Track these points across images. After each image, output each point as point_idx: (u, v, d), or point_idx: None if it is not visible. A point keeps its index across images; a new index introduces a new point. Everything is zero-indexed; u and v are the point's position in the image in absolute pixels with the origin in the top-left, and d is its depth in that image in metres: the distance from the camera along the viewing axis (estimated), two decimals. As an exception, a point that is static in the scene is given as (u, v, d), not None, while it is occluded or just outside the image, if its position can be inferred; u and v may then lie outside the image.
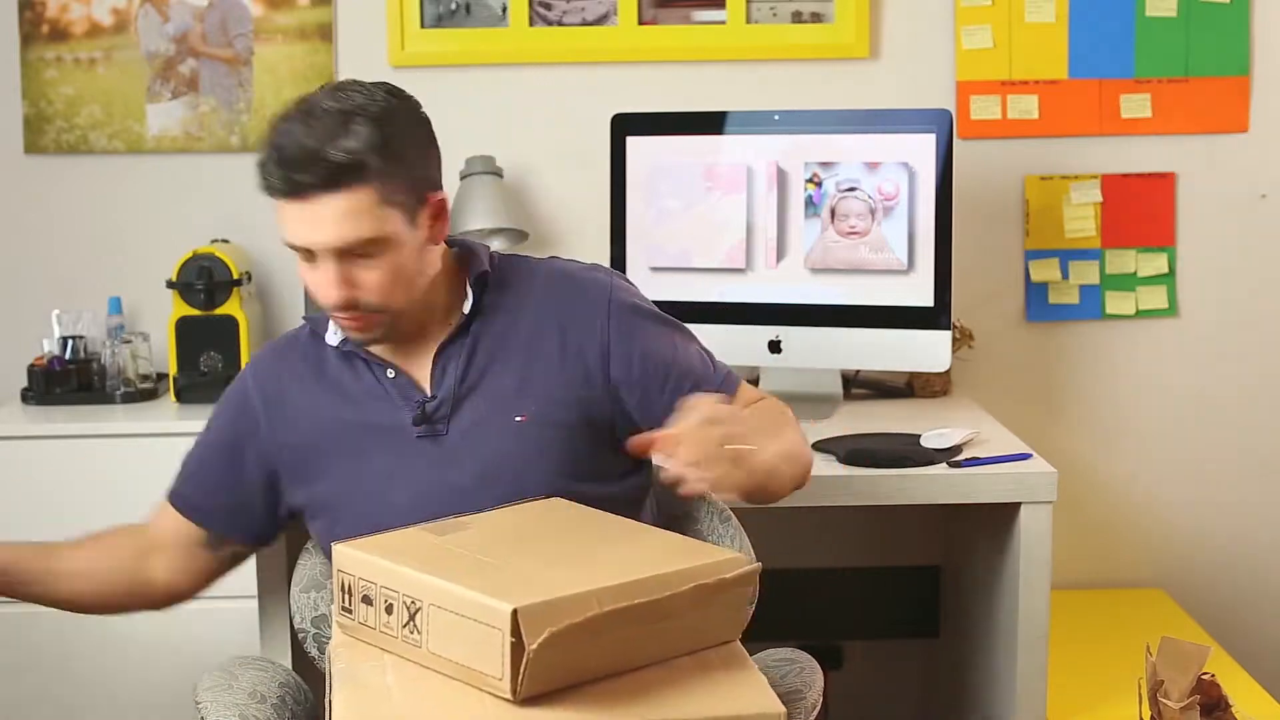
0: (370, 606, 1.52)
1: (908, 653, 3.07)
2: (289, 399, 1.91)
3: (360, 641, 1.55)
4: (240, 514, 1.95)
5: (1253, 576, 3.09)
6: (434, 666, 1.47)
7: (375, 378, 1.88)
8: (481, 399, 1.85)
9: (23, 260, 3.00)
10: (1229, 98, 2.98)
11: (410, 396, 1.86)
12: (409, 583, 1.49)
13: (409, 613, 1.48)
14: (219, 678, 1.86)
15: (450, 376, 1.85)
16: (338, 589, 1.56)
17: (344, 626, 1.57)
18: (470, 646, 1.42)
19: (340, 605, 1.56)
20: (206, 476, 1.95)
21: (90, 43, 2.94)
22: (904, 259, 2.67)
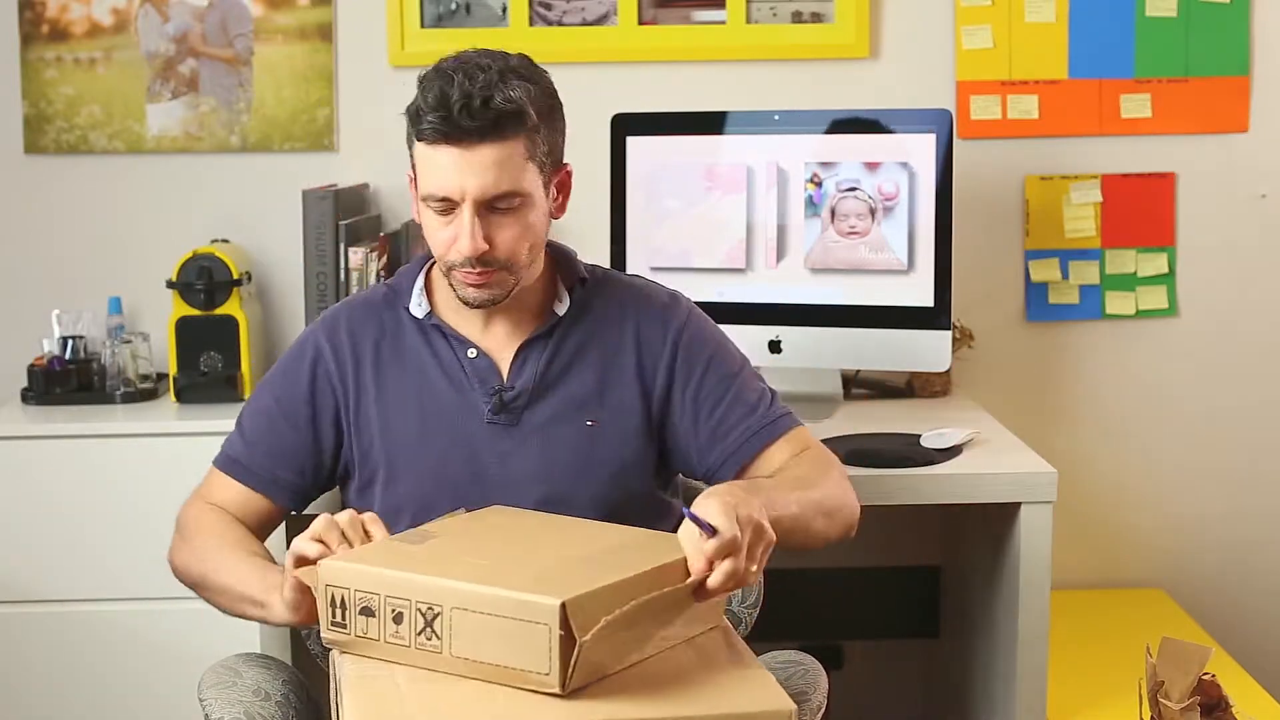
0: (372, 618, 1.51)
1: (908, 653, 3.07)
2: (362, 360, 1.92)
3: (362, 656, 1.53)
4: (302, 481, 1.94)
5: (1253, 576, 3.09)
6: (459, 671, 1.46)
7: (455, 355, 1.90)
8: (556, 398, 1.89)
9: (23, 260, 3.00)
10: (1229, 98, 2.98)
11: (488, 381, 1.89)
12: (422, 589, 1.48)
13: (425, 620, 1.47)
14: (222, 675, 1.86)
15: (530, 370, 1.89)
16: (325, 603, 1.54)
17: (336, 642, 1.55)
18: (507, 645, 1.42)
19: (330, 620, 1.54)
20: (277, 446, 1.94)
21: (90, 43, 2.94)
22: (904, 259, 2.67)
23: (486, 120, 1.76)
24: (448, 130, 1.76)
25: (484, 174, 1.77)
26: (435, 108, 1.76)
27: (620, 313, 1.95)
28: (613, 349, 1.92)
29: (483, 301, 1.86)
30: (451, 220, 1.80)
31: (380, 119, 2.98)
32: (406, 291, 1.95)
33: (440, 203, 1.80)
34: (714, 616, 1.60)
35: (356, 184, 2.93)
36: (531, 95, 1.79)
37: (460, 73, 1.77)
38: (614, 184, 2.77)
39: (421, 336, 1.92)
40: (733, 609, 2.07)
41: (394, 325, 1.94)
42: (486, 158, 1.77)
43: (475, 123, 1.75)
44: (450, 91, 1.75)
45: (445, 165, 1.78)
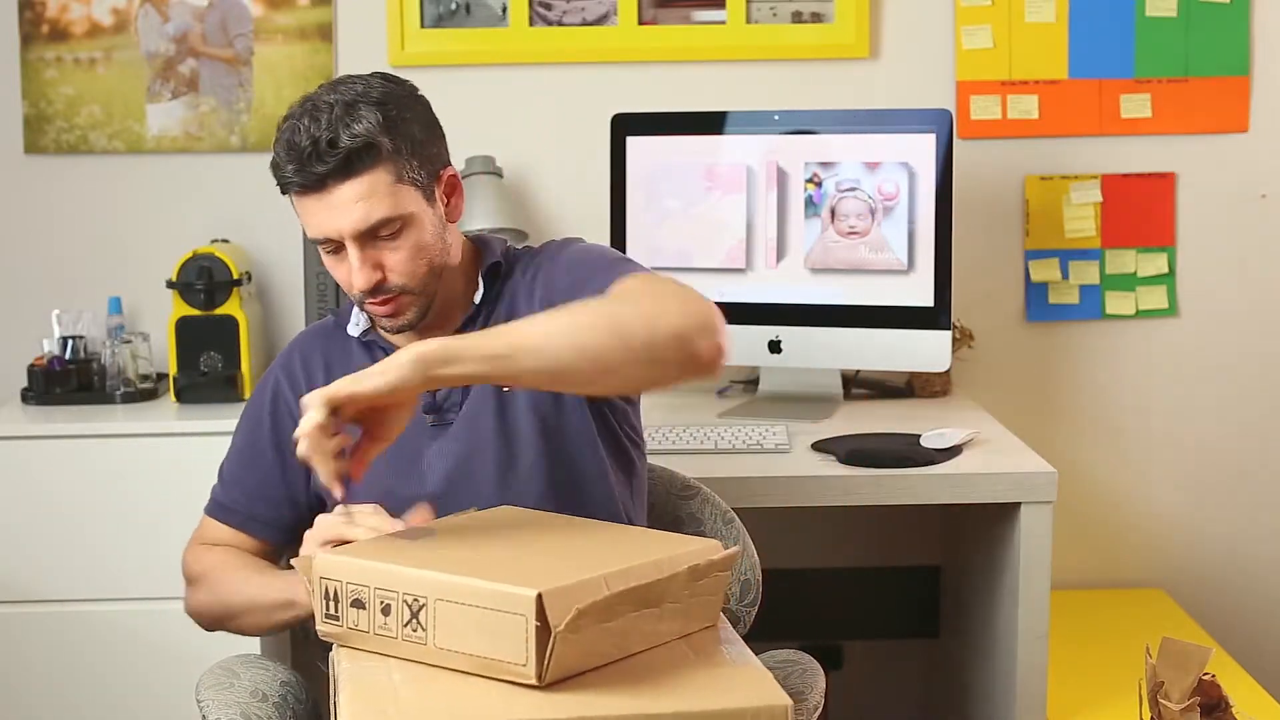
0: (363, 610, 1.52)
1: (908, 653, 3.07)
2: (315, 386, 1.89)
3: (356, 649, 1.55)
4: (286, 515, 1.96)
5: (1253, 576, 3.09)
6: (442, 663, 1.47)
7: None
8: (482, 386, 1.87)
9: (23, 260, 3.00)
10: (1229, 98, 2.98)
11: None
12: (408, 581, 1.49)
13: (410, 611, 1.48)
14: (220, 676, 1.86)
15: None
16: (320, 596, 1.55)
17: (331, 634, 1.56)
18: (487, 637, 1.43)
19: (324, 612, 1.55)
20: (255, 487, 1.97)
21: (90, 43, 2.94)
22: (904, 259, 2.67)
23: (336, 161, 1.74)
24: (303, 180, 1.76)
25: (351, 212, 1.76)
26: (287, 159, 1.76)
27: (530, 276, 1.92)
28: (523, 311, 1.88)
29: (401, 327, 1.86)
30: (343, 258, 1.81)
31: (380, 119, 2.99)
32: (346, 314, 1.97)
33: (325, 243, 1.81)
34: (710, 614, 1.60)
35: (356, 184, 2.92)
36: (381, 122, 1.76)
37: (306, 116, 1.75)
38: (614, 184, 2.77)
39: (366, 354, 1.92)
40: (731, 607, 2.07)
41: (341, 348, 1.95)
42: (349, 195, 1.76)
43: (327, 166, 1.74)
44: (297, 140, 1.75)
45: (314, 211, 1.78)
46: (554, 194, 2.99)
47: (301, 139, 1.74)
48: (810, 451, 2.42)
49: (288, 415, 1.94)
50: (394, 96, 1.81)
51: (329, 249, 1.81)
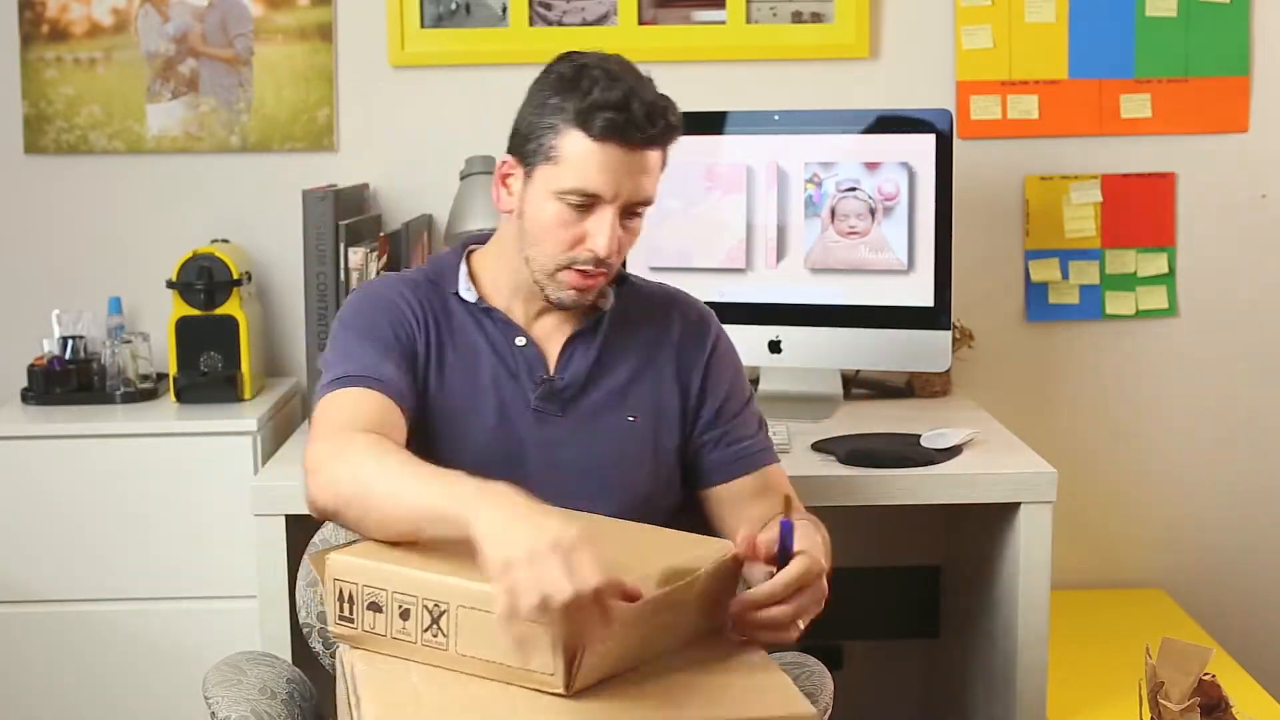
0: (379, 613, 1.51)
1: (908, 653, 3.07)
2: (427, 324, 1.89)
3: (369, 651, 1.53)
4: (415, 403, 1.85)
5: (1253, 576, 3.09)
6: (462, 668, 1.47)
7: (506, 339, 1.89)
8: (601, 392, 1.90)
9: (23, 260, 3.00)
10: (1229, 98, 2.98)
11: (535, 370, 1.89)
12: (430, 587, 1.48)
13: (431, 617, 1.47)
14: (227, 673, 1.86)
15: (579, 363, 1.90)
16: (334, 598, 1.54)
17: (344, 636, 1.55)
18: (513, 645, 1.42)
19: (337, 614, 1.54)
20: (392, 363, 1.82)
21: (90, 43, 2.94)
22: (904, 259, 2.67)
23: (658, 129, 1.79)
24: (627, 132, 1.77)
25: (640, 179, 1.80)
26: (617, 107, 1.76)
27: (661, 315, 1.97)
28: (653, 350, 1.95)
29: (577, 303, 1.87)
30: (584, 218, 1.80)
31: (380, 119, 2.99)
32: (451, 277, 1.93)
33: (584, 198, 1.79)
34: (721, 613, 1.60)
35: (356, 184, 2.93)
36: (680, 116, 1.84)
37: (630, 76, 1.80)
38: (614, 184, 2.77)
39: (471, 320, 1.90)
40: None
41: (443, 304, 1.91)
42: (646, 164, 1.80)
43: (653, 129, 1.78)
44: (632, 94, 1.77)
45: (607, 164, 1.77)
46: (554, 194, 2.99)
47: (636, 96, 1.76)
48: (810, 451, 2.42)
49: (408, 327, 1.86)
50: None
51: (579, 203, 1.79)
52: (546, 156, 1.80)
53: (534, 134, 1.82)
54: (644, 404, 1.92)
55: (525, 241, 1.85)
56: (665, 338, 1.96)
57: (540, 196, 1.81)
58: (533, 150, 1.82)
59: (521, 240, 1.85)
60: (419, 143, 2.98)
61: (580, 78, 1.79)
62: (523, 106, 1.87)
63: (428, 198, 2.98)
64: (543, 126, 1.81)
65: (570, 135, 1.78)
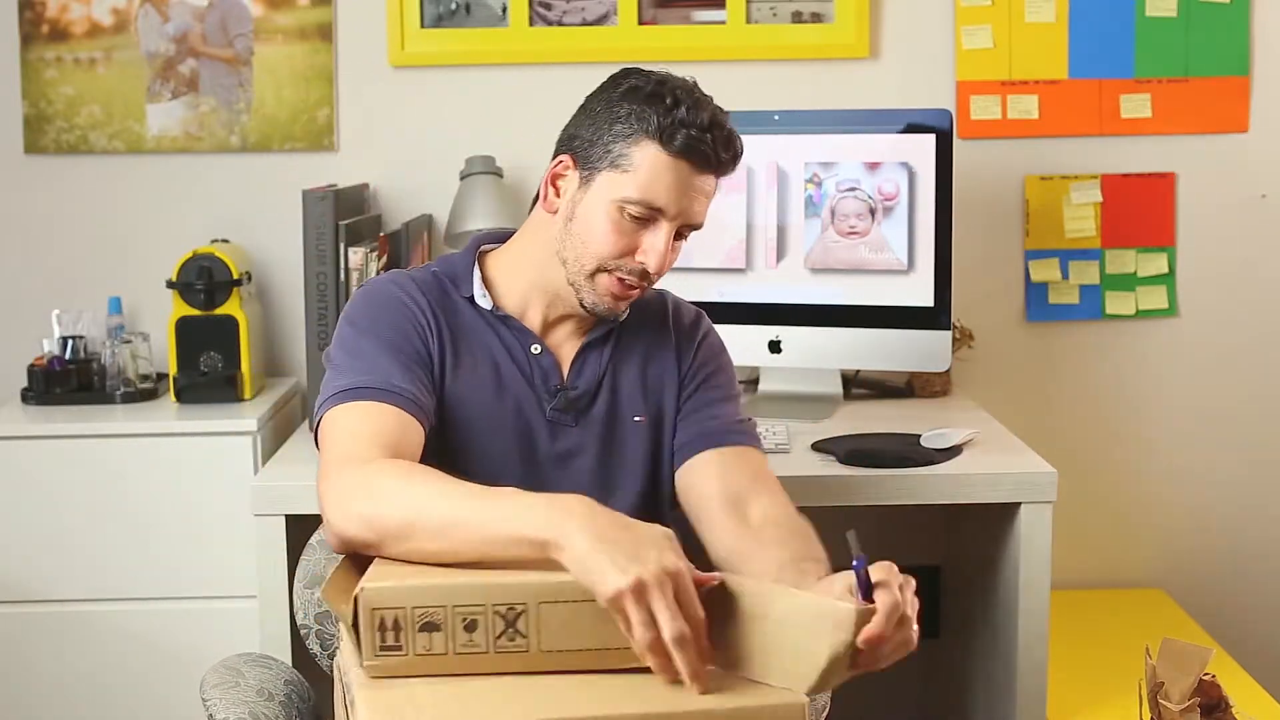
0: (437, 632, 1.46)
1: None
2: (441, 325, 1.86)
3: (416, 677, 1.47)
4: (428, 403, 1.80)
5: (1253, 577, 3.09)
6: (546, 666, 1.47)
7: (521, 346, 1.88)
8: (612, 397, 1.91)
9: (23, 260, 3.00)
10: (1229, 98, 2.98)
11: (549, 379, 1.88)
12: (500, 591, 1.47)
13: (506, 621, 1.46)
14: (225, 675, 1.86)
15: (592, 370, 1.91)
16: (372, 630, 1.46)
17: (388, 668, 1.47)
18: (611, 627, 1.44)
19: (378, 646, 1.46)
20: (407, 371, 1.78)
21: (90, 43, 2.94)
22: (904, 259, 2.67)
23: (729, 158, 1.82)
24: (705, 152, 1.78)
25: (702, 203, 1.83)
26: (701, 128, 1.78)
27: (659, 321, 1.98)
28: (654, 355, 1.96)
29: (611, 312, 1.87)
30: (640, 230, 1.81)
31: (380, 119, 2.99)
32: (465, 280, 1.90)
33: (646, 210, 1.80)
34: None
35: (356, 184, 2.93)
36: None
37: (715, 103, 1.82)
38: (614, 184, 2.77)
39: (485, 325, 1.89)
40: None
41: (454, 306, 1.89)
42: (709, 189, 1.83)
43: (725, 156, 1.81)
44: (716, 121, 1.80)
45: (677, 181, 1.79)
46: (554, 194, 2.99)
47: (718, 123, 1.80)
48: (810, 451, 2.42)
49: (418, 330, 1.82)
50: None
51: (639, 213, 1.79)
52: (614, 164, 1.80)
53: (602, 140, 1.81)
54: (649, 408, 1.93)
55: (569, 243, 1.84)
56: (665, 342, 1.97)
57: (599, 202, 1.81)
58: (599, 156, 1.81)
59: (564, 241, 1.84)
60: (419, 143, 2.98)
61: (663, 93, 1.80)
62: (585, 113, 1.87)
63: (428, 198, 2.98)
64: (615, 134, 1.80)
65: (646, 147, 1.78)
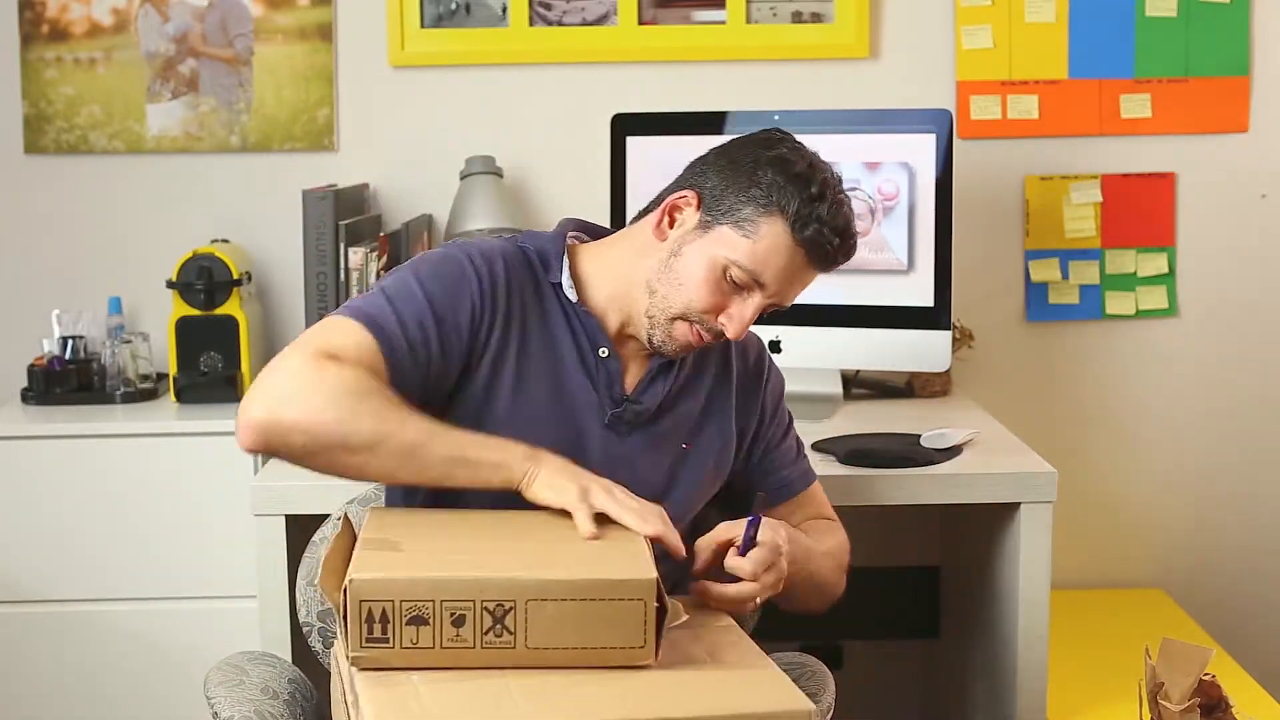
0: (424, 625, 1.46)
1: (908, 653, 3.07)
2: (513, 310, 1.83)
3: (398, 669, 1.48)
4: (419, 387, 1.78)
5: (1253, 576, 3.09)
6: (531, 663, 1.47)
7: (591, 345, 1.86)
8: (669, 419, 1.91)
9: (23, 260, 3.00)
10: (1229, 98, 2.98)
11: (611, 386, 1.86)
12: (490, 587, 1.46)
13: (494, 617, 1.46)
14: (229, 673, 1.86)
15: (657, 391, 1.89)
16: (359, 621, 1.46)
17: (374, 659, 1.48)
18: (594, 627, 1.46)
19: (364, 637, 1.47)
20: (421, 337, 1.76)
21: (90, 43, 2.94)
22: (904, 259, 2.67)
23: (843, 261, 1.84)
24: (826, 251, 1.81)
25: (798, 290, 1.85)
26: (835, 231, 1.80)
27: (723, 356, 1.98)
28: (717, 390, 1.96)
29: (676, 356, 1.88)
30: (735, 295, 1.81)
31: (380, 119, 2.99)
32: (556, 267, 1.88)
33: (748, 280, 1.80)
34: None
35: (356, 184, 2.93)
36: None
37: (848, 206, 1.84)
38: (614, 184, 2.77)
39: (564, 314, 1.87)
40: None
41: (539, 289, 1.87)
42: (810, 281, 1.86)
43: (838, 262, 1.84)
44: (848, 228, 1.82)
45: (787, 265, 1.80)
46: (554, 194, 2.99)
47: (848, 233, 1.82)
48: (810, 451, 2.42)
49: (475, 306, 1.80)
50: None
51: (740, 279, 1.80)
52: (738, 224, 1.80)
53: (735, 196, 1.81)
54: (703, 434, 1.94)
55: (664, 278, 1.83)
56: (728, 378, 1.98)
57: (706, 252, 1.81)
58: (726, 209, 1.81)
59: (659, 274, 1.83)
60: (419, 143, 2.98)
61: (812, 179, 1.81)
62: (726, 159, 1.87)
63: (428, 198, 2.98)
64: (750, 197, 1.80)
65: (776, 223, 1.79)
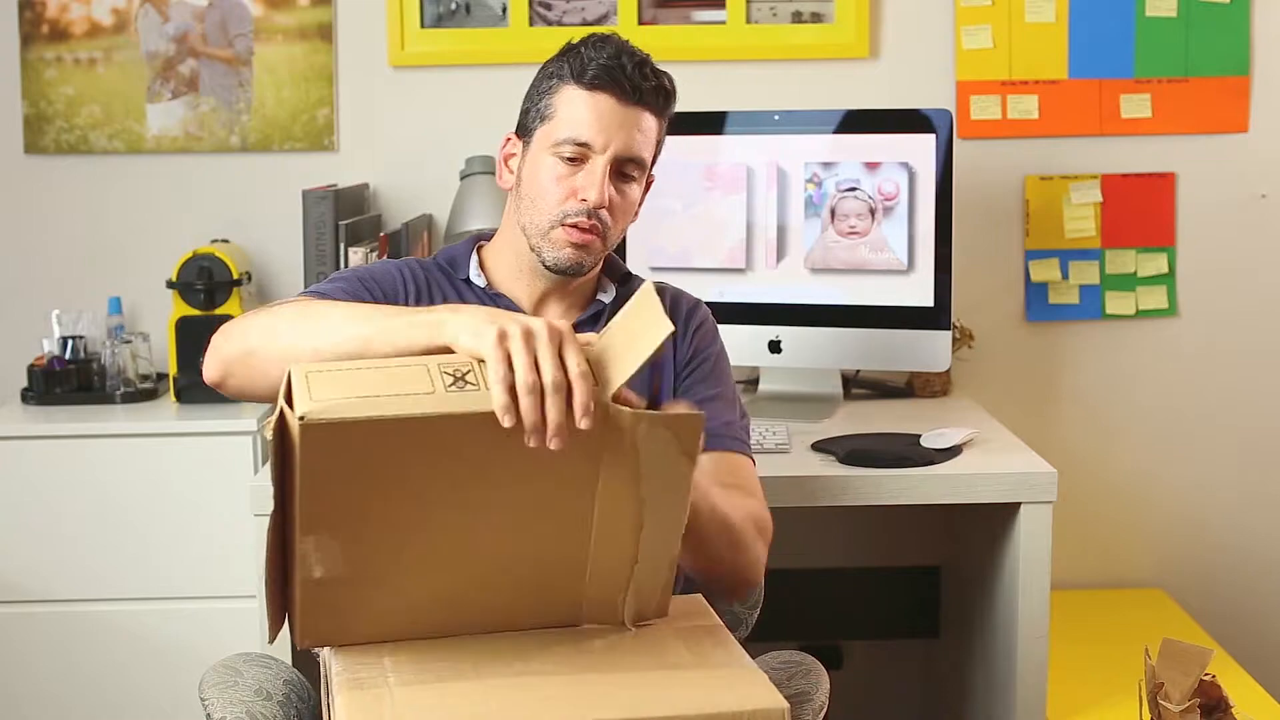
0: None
1: (908, 653, 3.07)
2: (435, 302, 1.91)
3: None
4: None
5: (1253, 576, 3.09)
6: None
7: None
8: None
9: (23, 260, 3.00)
10: (1229, 98, 2.98)
11: None
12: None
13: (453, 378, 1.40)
14: (223, 675, 1.85)
15: None
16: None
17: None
18: None
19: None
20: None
21: (90, 43, 2.94)
22: (904, 259, 2.67)
23: (650, 86, 1.87)
24: (618, 80, 1.84)
25: (630, 132, 1.86)
26: (609, 58, 1.85)
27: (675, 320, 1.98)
28: None
29: (572, 264, 1.89)
30: (577, 172, 1.86)
31: (380, 119, 2.99)
32: (463, 264, 1.98)
33: (576, 149, 1.86)
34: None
35: (356, 184, 2.93)
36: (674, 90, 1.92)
37: (624, 42, 1.88)
38: (614, 184, 2.77)
39: (479, 303, 1.92)
40: (733, 609, 2.07)
41: (452, 287, 1.96)
42: (638, 120, 1.87)
43: (645, 83, 1.86)
44: (622, 52, 1.86)
45: (600, 113, 1.85)
46: (554, 194, 2.99)
47: (625, 52, 1.85)
48: (810, 451, 2.42)
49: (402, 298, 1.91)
50: None
51: (570, 154, 1.86)
52: (542, 116, 1.89)
53: (532, 104, 1.92)
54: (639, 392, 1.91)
55: (522, 208, 1.91)
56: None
57: (536, 157, 1.89)
58: (532, 118, 1.91)
59: (519, 210, 1.92)
60: (419, 143, 2.98)
61: (574, 47, 1.89)
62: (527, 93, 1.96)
63: (428, 198, 2.98)
64: (540, 92, 1.91)
65: (565, 90, 1.87)
